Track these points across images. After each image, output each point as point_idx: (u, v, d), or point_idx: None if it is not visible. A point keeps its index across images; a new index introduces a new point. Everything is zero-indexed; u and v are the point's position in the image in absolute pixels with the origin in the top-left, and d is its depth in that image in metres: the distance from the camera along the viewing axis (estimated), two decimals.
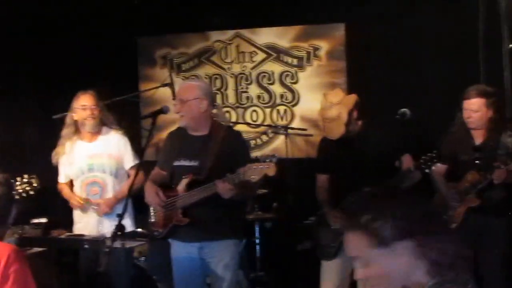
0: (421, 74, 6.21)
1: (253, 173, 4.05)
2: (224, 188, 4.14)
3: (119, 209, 4.91)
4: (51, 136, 5.79)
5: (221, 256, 4.46)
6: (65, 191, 5.45)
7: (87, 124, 5.25)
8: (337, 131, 4.53)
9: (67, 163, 5.39)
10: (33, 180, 4.83)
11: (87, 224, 5.33)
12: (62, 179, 5.48)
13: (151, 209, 4.70)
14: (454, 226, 4.85)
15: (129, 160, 5.40)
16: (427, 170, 4.42)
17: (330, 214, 4.63)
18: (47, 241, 5.29)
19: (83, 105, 5.23)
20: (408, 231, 1.83)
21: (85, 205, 5.27)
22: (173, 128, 4.86)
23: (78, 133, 5.33)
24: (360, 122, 4.62)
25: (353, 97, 4.65)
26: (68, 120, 5.35)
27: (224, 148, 4.44)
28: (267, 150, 6.72)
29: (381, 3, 6.33)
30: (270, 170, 4.04)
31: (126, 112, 6.35)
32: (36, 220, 5.70)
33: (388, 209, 1.88)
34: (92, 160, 5.33)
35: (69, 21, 7.10)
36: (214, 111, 4.69)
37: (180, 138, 4.64)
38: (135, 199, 5.03)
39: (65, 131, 5.36)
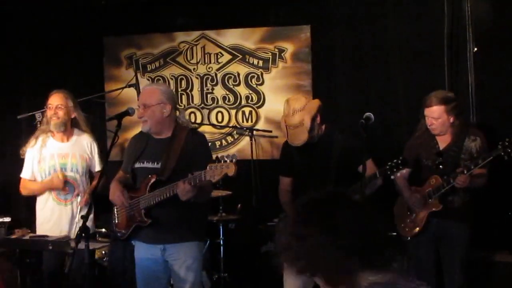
0: (386, 78, 6.22)
1: (214, 173, 3.99)
2: (184, 189, 4.10)
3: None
4: (16, 136, 5.70)
5: (184, 258, 4.42)
6: (33, 185, 5.32)
7: (51, 123, 5.21)
8: (300, 137, 4.50)
9: (36, 160, 5.29)
10: None
11: (56, 220, 5.24)
12: (27, 174, 5.35)
13: (115, 210, 4.66)
14: (417, 230, 4.93)
15: (97, 164, 5.46)
16: (392, 177, 4.38)
17: None
18: (10, 242, 5.19)
19: (49, 104, 5.21)
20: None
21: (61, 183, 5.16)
22: (138, 129, 4.79)
23: (50, 131, 5.27)
24: (323, 126, 4.58)
25: (316, 102, 4.63)
26: (44, 119, 5.31)
27: (186, 150, 4.43)
28: (232, 151, 6.60)
29: (347, 5, 6.33)
30: (230, 169, 3.95)
31: (91, 112, 6.33)
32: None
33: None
34: (65, 159, 5.28)
35: (36, 20, 7.03)
36: (177, 113, 4.61)
37: (144, 142, 4.60)
38: (98, 200, 4.98)
39: (41, 128, 5.32)
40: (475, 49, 5.88)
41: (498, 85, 5.89)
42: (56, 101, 5.20)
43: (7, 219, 5.90)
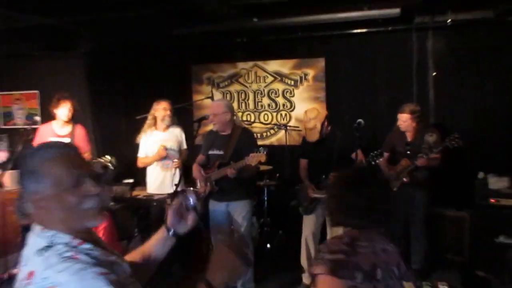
0: (374, 94, 6.09)
1: (252, 160, 4.11)
2: (229, 172, 4.28)
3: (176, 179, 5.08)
4: (134, 130, 5.85)
5: (240, 210, 4.52)
6: (146, 159, 5.31)
7: (165, 119, 5.25)
8: (313, 136, 4.55)
9: (146, 144, 5.31)
10: (112, 159, 4.73)
11: (161, 182, 5.25)
12: (141, 154, 5.35)
13: (197, 181, 4.72)
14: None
15: (184, 144, 5.43)
16: (373, 162, 4.40)
17: (308, 187, 4.63)
18: (130, 200, 5.26)
19: (165, 107, 5.24)
20: None
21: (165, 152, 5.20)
22: (211, 126, 4.80)
23: (155, 125, 5.29)
24: (329, 127, 4.59)
25: (324, 113, 4.66)
26: (150, 116, 5.31)
27: (239, 142, 4.50)
28: (273, 140, 6.71)
29: (348, 45, 6.22)
30: (262, 158, 4.09)
31: (184, 114, 6.42)
32: (126, 181, 5.76)
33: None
34: (165, 142, 5.26)
35: (149, 52, 7.05)
36: (234, 118, 4.66)
37: (213, 136, 4.67)
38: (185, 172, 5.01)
39: (148, 123, 5.32)
40: (435, 73, 5.79)
41: (449, 98, 5.77)
42: (168, 106, 5.26)
43: (131, 181, 5.99)
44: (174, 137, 5.33)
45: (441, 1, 5.30)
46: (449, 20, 5.49)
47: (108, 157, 4.76)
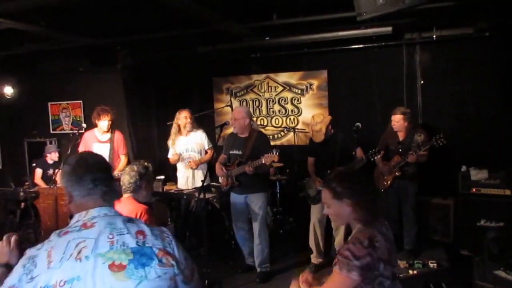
0: (370, 100, 6.08)
1: (267, 159, 4.15)
2: (248, 170, 4.32)
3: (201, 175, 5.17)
4: (165, 134, 5.92)
5: (257, 201, 4.54)
6: (176, 156, 5.33)
7: (187, 126, 5.31)
8: (319, 137, 4.57)
9: (173, 147, 5.38)
10: (146, 163, 4.83)
11: (186, 179, 5.35)
12: (170, 155, 5.41)
13: (220, 178, 4.81)
14: (386, 186, 4.94)
15: (206, 144, 5.45)
16: (372, 159, 4.42)
17: (315, 180, 4.68)
18: (163, 194, 5.31)
19: (185, 116, 5.30)
20: (350, 195, 1.96)
21: (181, 157, 5.31)
22: (231, 130, 4.89)
23: (180, 131, 5.35)
24: (332, 130, 4.62)
25: (328, 118, 4.68)
26: (174, 124, 5.38)
27: (255, 143, 4.53)
28: (283, 141, 6.72)
29: (347, 58, 6.22)
30: (275, 158, 4.13)
31: (207, 119, 6.50)
32: (158, 177, 5.81)
33: (343, 181, 2.01)
34: (187, 146, 5.35)
35: (177, 66, 7.07)
36: (252, 122, 4.73)
37: (233, 138, 4.71)
38: (210, 169, 5.08)
39: (173, 130, 5.39)
40: (422, 81, 5.82)
41: (435, 103, 5.78)
42: (188, 114, 5.31)
43: (162, 177, 5.97)
44: (194, 140, 5.39)
45: (427, 20, 5.30)
46: (434, 36, 5.53)
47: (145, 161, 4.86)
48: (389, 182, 4.89)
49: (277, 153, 4.09)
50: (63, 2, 3.76)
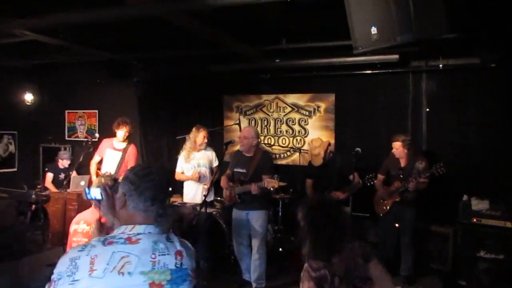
0: (375, 125, 6.16)
1: (268, 184, 4.26)
2: (253, 189, 4.38)
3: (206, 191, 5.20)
4: (174, 147, 6.06)
5: (257, 218, 4.63)
6: (182, 176, 5.49)
7: (203, 144, 5.46)
8: (318, 161, 4.68)
9: (184, 161, 5.50)
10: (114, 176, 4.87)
11: (194, 193, 5.45)
12: (179, 169, 5.54)
13: (223, 192, 4.90)
14: (386, 211, 5.00)
15: (215, 162, 5.56)
16: (368, 184, 4.50)
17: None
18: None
19: (204, 135, 5.44)
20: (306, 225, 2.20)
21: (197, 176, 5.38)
22: (237, 147, 5.02)
23: (194, 147, 5.46)
24: (331, 153, 4.73)
25: (326, 142, 4.80)
26: (191, 139, 5.47)
27: (259, 163, 4.63)
28: (289, 160, 6.81)
29: (353, 83, 6.33)
30: (276, 184, 4.24)
31: (216, 136, 6.65)
32: None
33: (311, 211, 2.23)
34: (199, 161, 5.47)
35: (190, 83, 7.25)
36: (258, 142, 4.86)
37: (239, 156, 4.82)
38: (215, 184, 5.24)
39: (188, 144, 5.50)
40: (427, 109, 5.90)
41: (439, 131, 5.85)
42: (205, 133, 5.44)
43: (169, 189, 6.12)
44: (206, 157, 5.52)
45: (434, 49, 5.39)
46: (441, 65, 5.62)
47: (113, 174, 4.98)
48: (388, 207, 4.96)
49: (278, 179, 4.19)
50: (84, 19, 4.02)
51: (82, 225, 3.16)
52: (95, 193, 1.90)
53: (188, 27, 4.35)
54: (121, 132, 5.53)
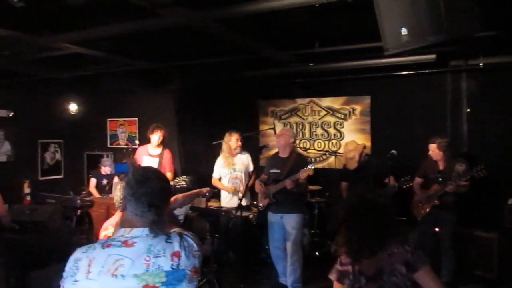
0: (411, 127, 6.08)
1: (303, 173, 4.31)
2: (287, 183, 4.43)
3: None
4: (210, 153, 6.18)
5: (292, 222, 4.66)
6: (219, 183, 5.63)
7: (237, 148, 5.57)
8: (352, 164, 4.67)
9: (221, 166, 5.62)
10: (187, 179, 5.01)
11: (231, 198, 5.54)
12: (215, 175, 5.67)
13: (259, 195, 4.96)
14: (424, 214, 4.89)
15: (251, 166, 5.65)
16: (404, 187, 4.44)
17: None
18: (204, 209, 5.50)
19: (237, 139, 5.56)
20: (348, 219, 2.19)
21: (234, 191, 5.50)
22: (275, 150, 5.10)
23: (229, 152, 5.57)
24: (365, 156, 4.70)
25: (361, 146, 4.77)
26: (225, 144, 5.60)
27: (294, 164, 4.67)
28: (324, 164, 6.82)
29: (390, 85, 6.27)
30: (310, 171, 4.28)
31: (251, 141, 6.69)
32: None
33: (354, 209, 2.20)
34: (235, 166, 5.57)
35: (225, 89, 7.40)
36: (294, 143, 4.89)
37: (274, 158, 4.92)
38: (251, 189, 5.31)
39: (224, 149, 5.61)
40: (468, 110, 5.76)
41: (481, 132, 5.69)
42: (239, 137, 5.56)
43: (208, 193, 6.22)
44: (241, 161, 5.62)
45: (474, 47, 5.25)
46: (482, 64, 5.45)
47: (185, 177, 5.14)
48: (426, 211, 4.87)
49: (313, 167, 4.21)
50: (123, 31, 4.20)
51: (110, 229, 3.26)
52: (124, 166, 1.97)
53: (221, 34, 4.45)
54: (156, 137, 5.69)
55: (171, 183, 3.41)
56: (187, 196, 2.88)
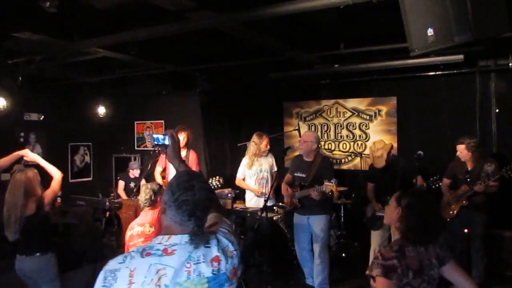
0: (438, 128, 6.05)
1: (326, 188, 4.33)
2: (313, 194, 4.47)
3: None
4: (236, 154, 6.26)
5: (318, 223, 4.70)
6: (243, 184, 5.68)
7: (266, 151, 5.62)
8: (380, 163, 4.67)
9: (247, 167, 5.65)
10: (220, 179, 5.07)
11: (256, 199, 5.57)
12: (240, 175, 5.71)
13: (284, 197, 5.00)
14: (453, 215, 4.86)
15: (275, 167, 5.69)
16: (433, 187, 4.43)
17: (375, 206, 4.78)
18: (229, 210, 5.58)
19: (267, 142, 5.60)
20: (406, 206, 2.15)
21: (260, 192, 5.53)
22: (297, 152, 5.13)
23: (257, 153, 5.59)
24: (392, 156, 4.70)
25: (389, 145, 4.77)
26: (255, 146, 5.60)
27: (319, 168, 4.70)
28: (350, 165, 6.83)
29: (416, 85, 6.25)
30: (333, 188, 4.31)
31: (276, 142, 6.74)
32: (229, 194, 6.09)
33: (414, 195, 2.20)
34: (262, 166, 5.61)
35: (250, 91, 7.49)
36: (318, 147, 4.93)
37: (299, 161, 4.93)
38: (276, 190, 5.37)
39: (252, 150, 5.61)
40: (497, 110, 5.70)
41: (510, 131, 5.62)
42: (267, 140, 5.59)
43: (233, 195, 6.09)
44: (267, 162, 5.67)
45: (503, 47, 5.22)
46: (511, 64, 5.39)
47: (218, 177, 5.18)
48: (455, 212, 4.83)
49: (335, 183, 4.25)
50: (150, 35, 4.35)
51: (136, 228, 3.42)
52: (163, 139, 1.98)
53: (247, 37, 4.56)
54: (180, 138, 5.80)
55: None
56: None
